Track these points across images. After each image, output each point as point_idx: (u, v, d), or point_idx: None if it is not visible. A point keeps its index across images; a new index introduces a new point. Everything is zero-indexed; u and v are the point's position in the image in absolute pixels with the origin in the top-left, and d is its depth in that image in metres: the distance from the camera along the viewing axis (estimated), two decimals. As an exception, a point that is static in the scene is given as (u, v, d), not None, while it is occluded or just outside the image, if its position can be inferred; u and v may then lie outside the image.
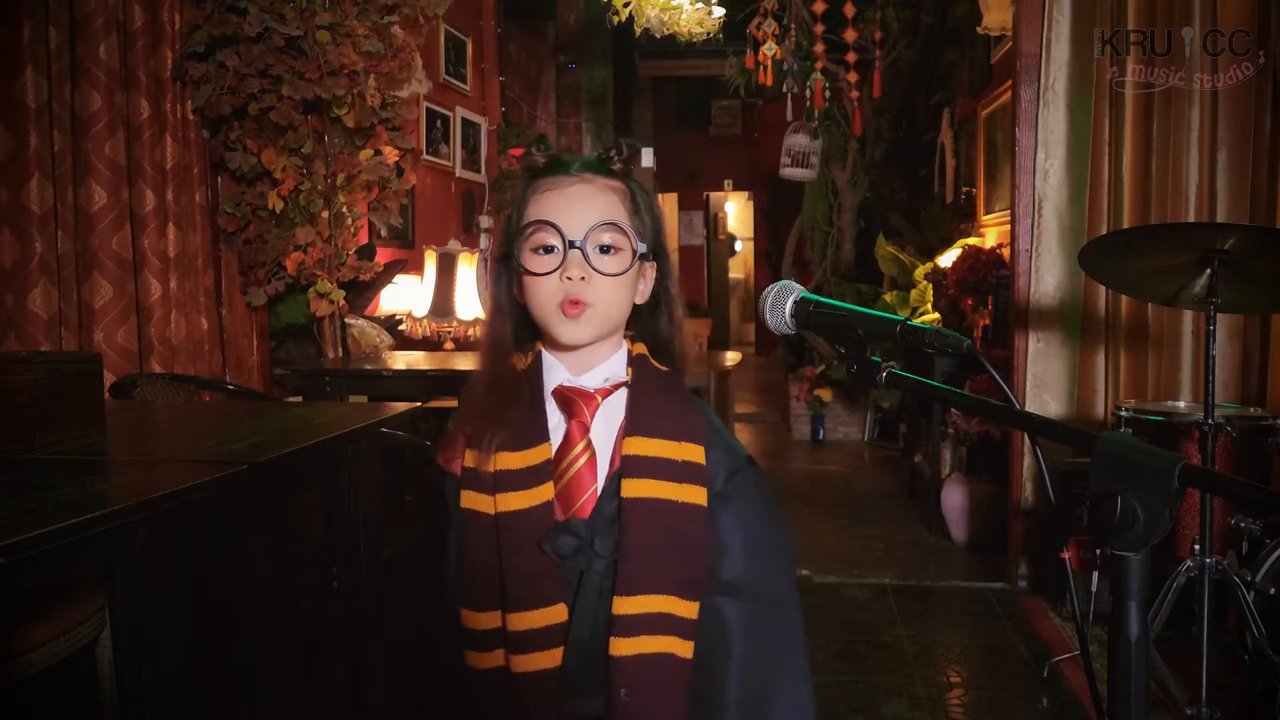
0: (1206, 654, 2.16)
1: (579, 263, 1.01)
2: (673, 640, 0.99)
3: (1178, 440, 2.54)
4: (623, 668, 0.98)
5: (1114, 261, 2.43)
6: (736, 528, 1.04)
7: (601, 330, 1.04)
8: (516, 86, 6.61)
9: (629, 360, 1.08)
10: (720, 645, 1.01)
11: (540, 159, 1.07)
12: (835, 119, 6.52)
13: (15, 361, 1.59)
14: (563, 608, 1.00)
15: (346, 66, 3.05)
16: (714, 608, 1.01)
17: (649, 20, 4.23)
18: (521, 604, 0.99)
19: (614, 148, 1.07)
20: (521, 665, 0.99)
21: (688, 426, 1.04)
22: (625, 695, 0.97)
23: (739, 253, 13.34)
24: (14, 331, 2.57)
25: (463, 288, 4.19)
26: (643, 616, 0.98)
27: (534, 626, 0.99)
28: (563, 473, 1.02)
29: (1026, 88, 3.31)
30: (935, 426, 4.32)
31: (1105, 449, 0.71)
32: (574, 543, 1.00)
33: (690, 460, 1.03)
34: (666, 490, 1.01)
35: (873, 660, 2.82)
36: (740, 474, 1.06)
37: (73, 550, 1.19)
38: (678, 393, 1.07)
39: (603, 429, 1.05)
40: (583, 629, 1.01)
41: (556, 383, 1.06)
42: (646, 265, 1.08)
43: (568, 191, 1.04)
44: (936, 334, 0.85)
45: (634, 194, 1.07)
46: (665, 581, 0.99)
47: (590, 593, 1.01)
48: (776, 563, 1.06)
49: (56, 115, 2.64)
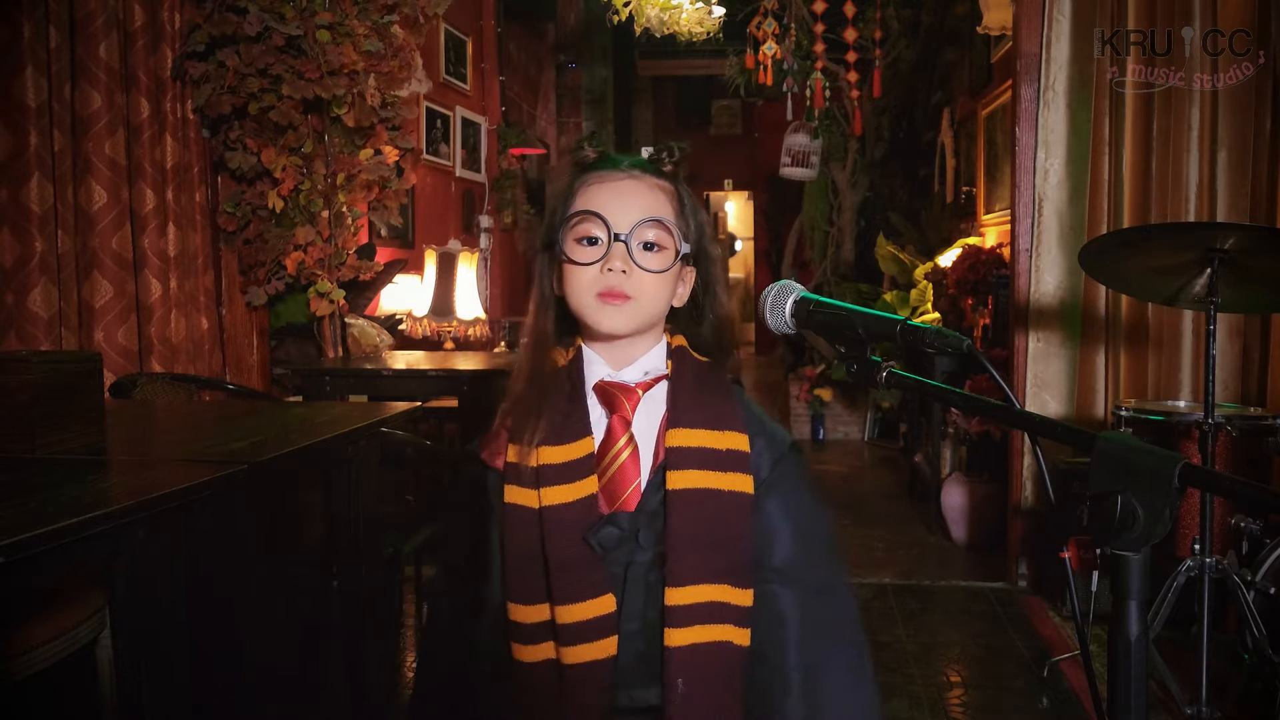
0: (1206, 653, 2.16)
1: (622, 255, 1.01)
2: (728, 629, 1.00)
3: (1178, 440, 2.54)
4: (678, 658, 0.98)
5: (1114, 261, 2.43)
6: (785, 515, 1.04)
7: (639, 323, 1.04)
8: (516, 86, 6.61)
9: (668, 353, 1.08)
10: (777, 631, 1.02)
11: (591, 153, 1.08)
12: (835, 118, 6.52)
13: (15, 361, 1.59)
14: (611, 599, 1.00)
15: (346, 66, 3.05)
16: (769, 595, 1.02)
17: (649, 20, 4.23)
18: (569, 596, 1.00)
19: (666, 148, 1.08)
20: (574, 657, 1.00)
21: (729, 415, 1.05)
22: (682, 685, 0.98)
23: (739, 252, 13.34)
24: (14, 331, 2.57)
25: (463, 287, 4.19)
26: (695, 606, 0.99)
27: (583, 618, 0.99)
28: (606, 467, 1.03)
29: (1026, 87, 3.31)
30: (935, 426, 4.32)
31: (1105, 449, 0.71)
32: (617, 535, 1.01)
33: (734, 449, 1.03)
34: (711, 480, 1.01)
35: (873, 660, 2.81)
36: (785, 461, 1.06)
37: (73, 550, 1.19)
38: (718, 384, 1.08)
39: (644, 422, 1.05)
40: (632, 621, 1.01)
41: (597, 377, 1.06)
42: (686, 270, 1.08)
43: (617, 186, 1.04)
44: (936, 333, 0.85)
45: (682, 196, 1.08)
46: (714, 570, 1.00)
47: (637, 584, 1.02)
48: (825, 549, 1.08)
49: (56, 115, 2.64)
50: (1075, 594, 0.83)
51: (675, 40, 4.45)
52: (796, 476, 1.07)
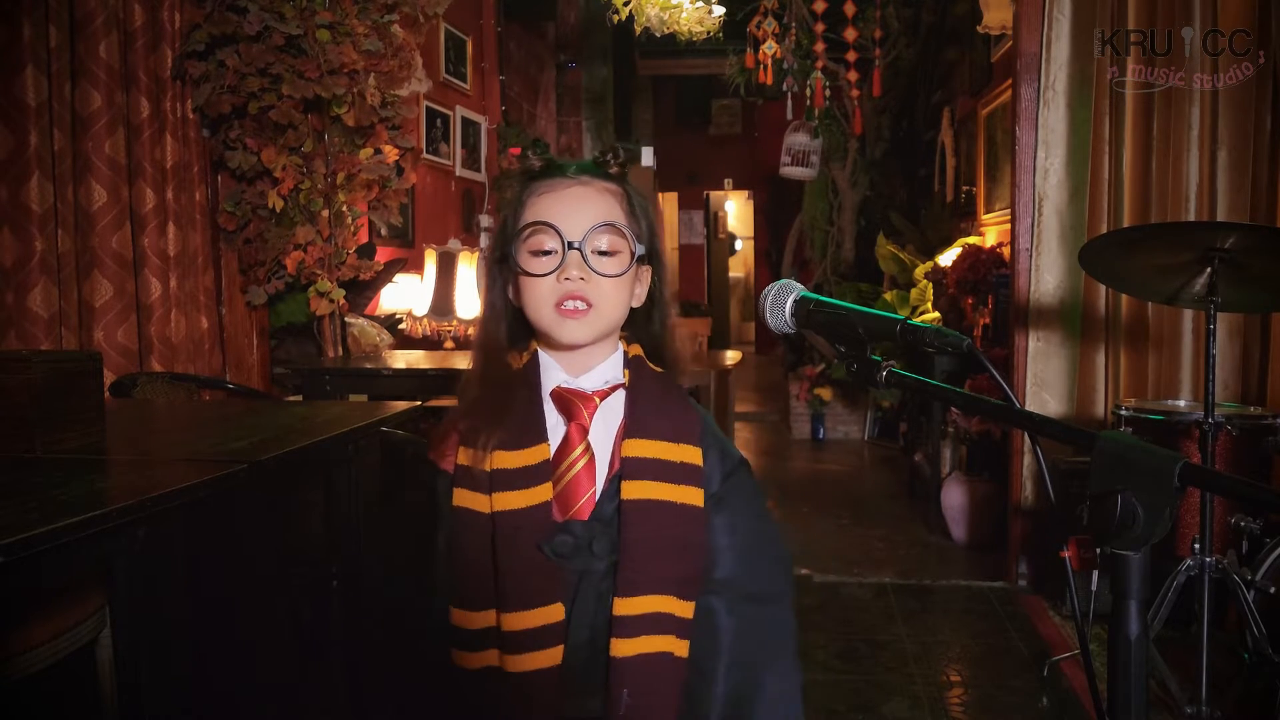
0: (1206, 653, 2.16)
1: (578, 263, 1.01)
2: (671, 640, 1.00)
3: (1178, 439, 2.54)
4: (624, 668, 0.98)
5: (1114, 260, 2.43)
6: (730, 529, 1.05)
7: (600, 331, 1.04)
8: (516, 85, 6.61)
9: (625, 362, 1.08)
10: (711, 642, 1.02)
11: (536, 162, 1.07)
12: (835, 118, 6.52)
13: (15, 360, 1.59)
14: (559, 607, 1.00)
15: (346, 65, 3.05)
16: (706, 607, 1.02)
17: (649, 19, 4.23)
18: (517, 603, 0.99)
19: (611, 151, 1.07)
20: (519, 665, 0.99)
21: (685, 428, 1.05)
22: (627, 696, 0.97)
23: (739, 252, 13.34)
24: (14, 330, 2.57)
25: (463, 287, 4.19)
26: (643, 617, 0.99)
27: (531, 626, 0.99)
28: (562, 474, 1.02)
29: (1027, 86, 3.31)
30: (935, 425, 4.32)
31: (1105, 448, 0.71)
32: (572, 543, 1.00)
33: (688, 461, 1.03)
34: (665, 491, 1.01)
35: (872, 659, 2.82)
36: (735, 476, 1.07)
37: (73, 549, 1.19)
38: (675, 394, 1.08)
39: (601, 431, 1.05)
40: (581, 630, 1.01)
41: (554, 383, 1.05)
42: (642, 269, 1.08)
43: (565, 194, 1.04)
44: (937, 333, 0.85)
45: (630, 197, 1.07)
46: (664, 582, 1.00)
47: (589, 593, 1.01)
48: (765, 562, 1.07)
49: (56, 114, 2.64)
50: (1075, 593, 0.83)
51: (675, 39, 4.45)
52: (745, 491, 1.08)
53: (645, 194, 1.11)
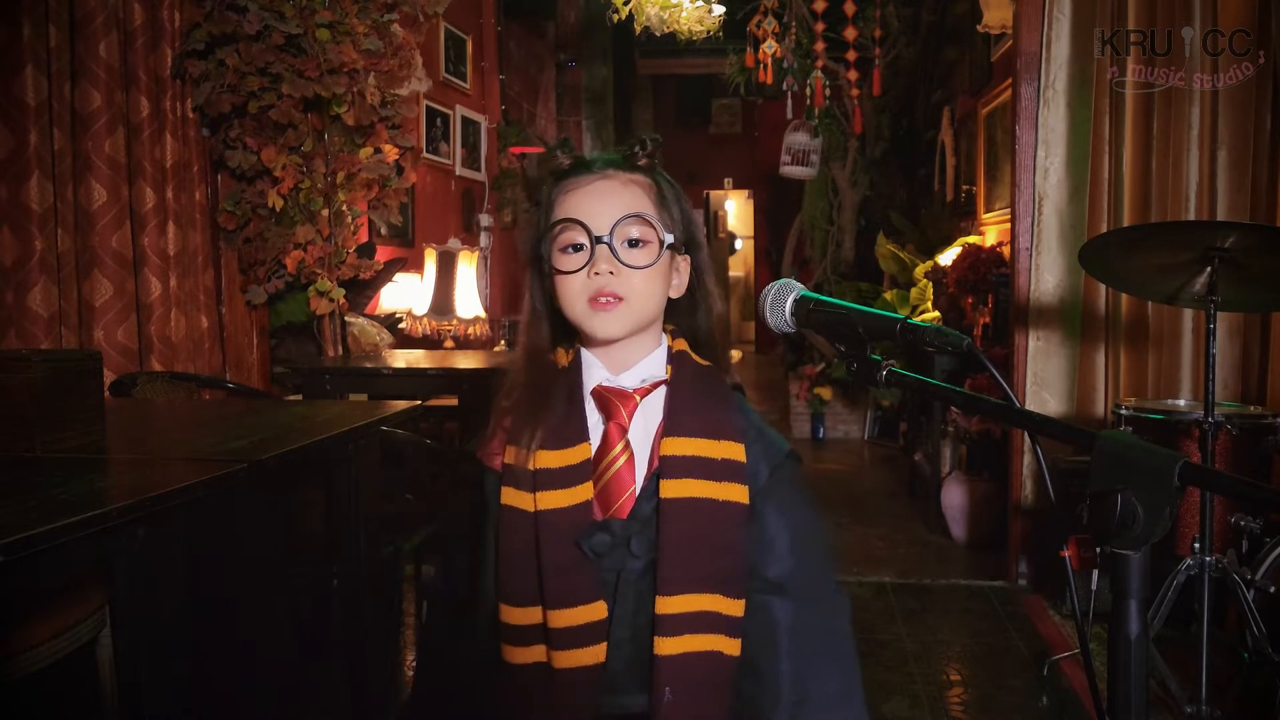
0: (1206, 652, 2.16)
1: (607, 257, 1.01)
2: (718, 638, 0.99)
3: (1178, 438, 2.54)
4: (667, 666, 0.98)
5: (1114, 260, 2.43)
6: (782, 525, 1.04)
7: (634, 324, 1.03)
8: (516, 85, 6.61)
9: (669, 357, 1.07)
10: (768, 643, 1.01)
11: (565, 161, 1.07)
12: (835, 117, 6.52)
13: (15, 360, 1.59)
14: (602, 605, 1.00)
15: (346, 65, 3.05)
16: (762, 605, 1.01)
17: (649, 18, 4.23)
18: (561, 601, 0.99)
19: (638, 143, 1.07)
20: (563, 661, 0.99)
21: (726, 424, 1.04)
22: (669, 694, 0.97)
23: (739, 251, 13.34)
24: (14, 329, 2.57)
25: (463, 286, 4.19)
26: (685, 615, 0.98)
27: (574, 624, 0.99)
28: (602, 473, 1.03)
29: (1027, 86, 3.30)
30: (935, 425, 4.32)
31: (1105, 447, 0.71)
32: (610, 541, 1.00)
33: (730, 458, 1.02)
34: (706, 489, 1.01)
35: (872, 658, 2.82)
36: (782, 470, 1.06)
37: (72, 549, 1.19)
38: (717, 390, 1.06)
39: (641, 429, 1.05)
40: (623, 627, 1.01)
41: (596, 382, 1.05)
42: (679, 259, 1.07)
43: (592, 189, 1.04)
44: (937, 332, 0.85)
45: (660, 187, 1.06)
46: (705, 580, 0.99)
47: (628, 591, 1.01)
48: (820, 559, 1.07)
49: (56, 113, 2.64)
50: (1075, 593, 0.83)
51: (675, 39, 4.45)
52: (793, 485, 1.06)
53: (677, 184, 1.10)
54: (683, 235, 1.06)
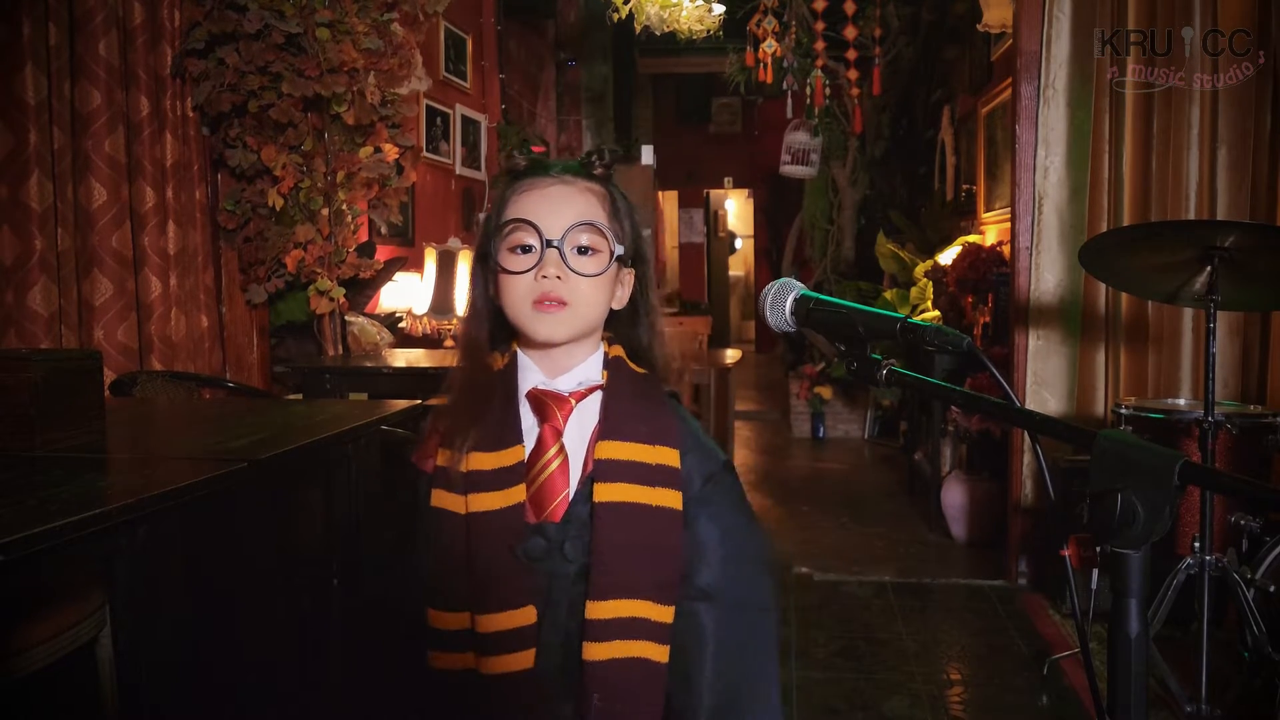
0: (1206, 651, 2.16)
1: (556, 262, 1.01)
2: (647, 645, 0.98)
3: (1178, 438, 2.54)
4: (596, 673, 0.97)
5: (1114, 259, 2.43)
6: (713, 533, 1.03)
7: (577, 330, 1.03)
8: (516, 84, 6.61)
9: (605, 363, 1.07)
10: (696, 650, 1.00)
11: (521, 161, 1.07)
12: (835, 116, 6.51)
13: (15, 359, 1.59)
14: (531, 610, 0.99)
15: (346, 64, 3.05)
16: (690, 613, 1.01)
17: (649, 17, 4.23)
18: (490, 605, 0.99)
19: (597, 152, 1.07)
20: (492, 667, 0.99)
21: (662, 430, 1.04)
22: (598, 701, 0.97)
23: (739, 250, 13.34)
24: (14, 329, 2.57)
25: (463, 285, 4.19)
26: (616, 621, 0.98)
27: (503, 628, 0.98)
28: (535, 476, 1.02)
29: (1027, 85, 3.30)
30: (935, 424, 4.32)
31: (1105, 446, 0.71)
32: (544, 545, 1.00)
33: (664, 464, 1.02)
34: (639, 494, 1.00)
35: (873, 658, 2.82)
36: (716, 478, 1.05)
37: (72, 548, 1.19)
38: (653, 396, 1.06)
39: (576, 432, 1.04)
40: (555, 633, 1.00)
41: (531, 384, 1.05)
42: (625, 271, 1.08)
43: (547, 192, 1.04)
44: (937, 331, 0.85)
45: (614, 198, 1.07)
46: (638, 586, 0.99)
47: (560, 596, 1.01)
48: (752, 568, 1.06)
49: (56, 112, 2.64)
50: (1075, 592, 0.83)
51: (675, 38, 4.45)
52: (729, 495, 1.06)
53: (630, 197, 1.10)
54: (631, 248, 1.07)
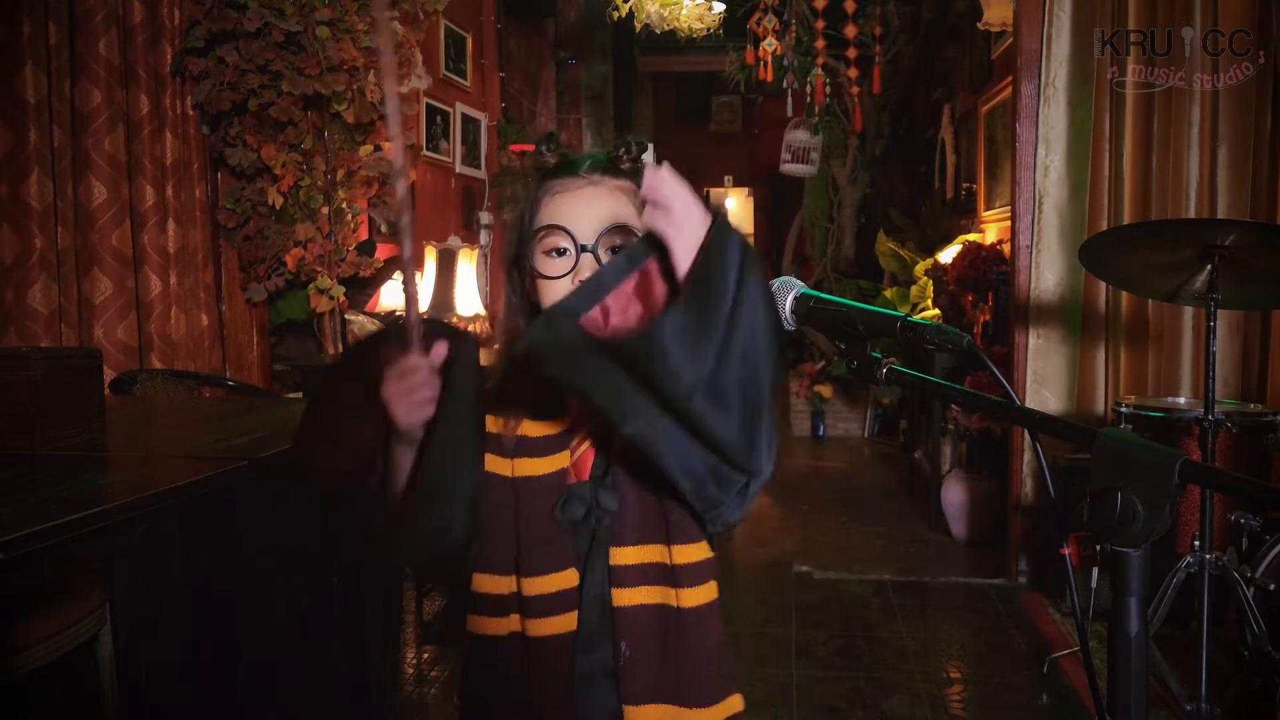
0: (1206, 650, 2.16)
1: (591, 266, 1.02)
2: (665, 590, 1.01)
3: (1178, 436, 2.54)
4: (623, 619, 1.00)
5: (1114, 258, 2.43)
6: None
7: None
8: (516, 82, 6.60)
9: None
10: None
11: (550, 159, 1.08)
12: (835, 115, 6.51)
13: (15, 358, 1.59)
14: (574, 573, 1.02)
15: (346, 62, 3.05)
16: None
17: (649, 16, 4.22)
18: (536, 569, 1.01)
19: (624, 146, 1.07)
20: (538, 629, 1.01)
21: None
22: (626, 649, 0.99)
23: (739, 249, 13.31)
24: (14, 327, 2.57)
25: (463, 284, 4.19)
26: (638, 567, 1.00)
27: (548, 591, 1.01)
28: (577, 446, 1.05)
29: (1027, 84, 3.30)
30: (935, 423, 4.32)
31: (1105, 445, 0.71)
32: (583, 508, 1.02)
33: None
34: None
35: (872, 656, 2.82)
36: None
37: (72, 546, 1.19)
38: None
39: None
40: (594, 587, 1.03)
41: None
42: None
43: (578, 194, 1.04)
44: (937, 330, 0.85)
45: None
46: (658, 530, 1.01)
47: (599, 552, 1.03)
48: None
49: (56, 111, 2.64)
50: (1075, 590, 0.83)
51: (675, 36, 4.45)
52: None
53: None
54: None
